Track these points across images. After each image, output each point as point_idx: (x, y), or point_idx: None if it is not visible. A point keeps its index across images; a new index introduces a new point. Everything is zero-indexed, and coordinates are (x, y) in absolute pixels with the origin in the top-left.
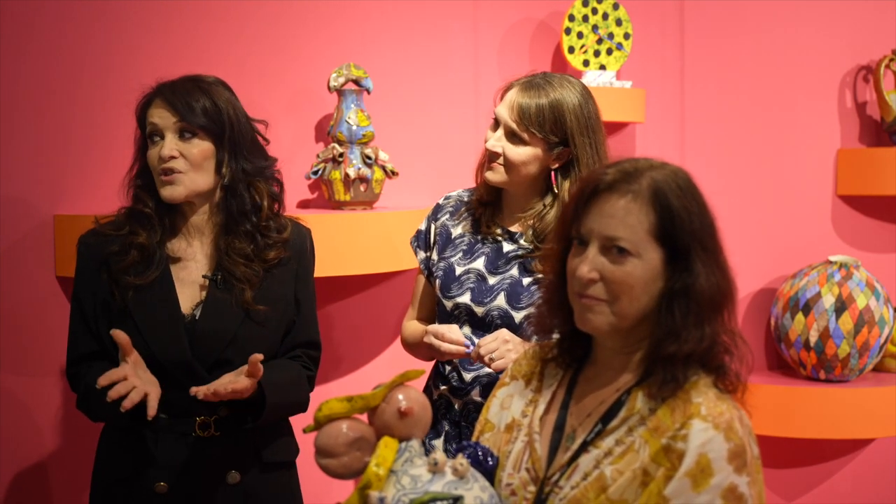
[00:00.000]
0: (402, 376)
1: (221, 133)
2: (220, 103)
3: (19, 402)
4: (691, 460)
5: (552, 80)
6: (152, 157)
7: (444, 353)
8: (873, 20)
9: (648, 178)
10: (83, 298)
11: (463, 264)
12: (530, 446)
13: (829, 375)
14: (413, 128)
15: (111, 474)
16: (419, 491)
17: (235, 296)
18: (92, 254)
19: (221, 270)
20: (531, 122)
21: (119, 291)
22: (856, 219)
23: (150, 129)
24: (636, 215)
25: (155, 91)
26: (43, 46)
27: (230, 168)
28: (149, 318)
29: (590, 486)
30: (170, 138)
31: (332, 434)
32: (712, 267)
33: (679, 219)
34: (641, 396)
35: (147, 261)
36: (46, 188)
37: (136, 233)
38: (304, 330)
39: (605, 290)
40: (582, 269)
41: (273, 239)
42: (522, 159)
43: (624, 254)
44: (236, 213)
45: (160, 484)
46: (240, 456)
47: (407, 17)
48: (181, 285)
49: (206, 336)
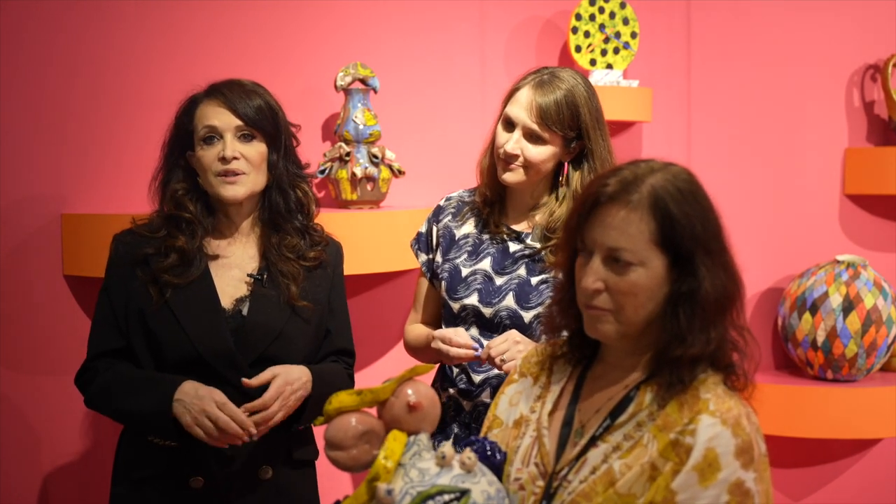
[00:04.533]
0: (411, 371)
1: (276, 135)
2: (273, 105)
3: (26, 401)
4: (699, 454)
5: (559, 74)
6: (209, 157)
7: (452, 358)
8: (881, 19)
9: (648, 186)
10: (114, 295)
11: (469, 265)
12: (539, 441)
13: (836, 375)
14: (420, 127)
15: (140, 472)
16: (427, 484)
17: (282, 292)
18: (127, 252)
19: (267, 267)
20: (552, 121)
21: (157, 290)
22: (863, 218)
23: (206, 131)
24: (637, 224)
25: (207, 92)
26: (50, 47)
27: (280, 168)
28: (190, 313)
29: (598, 480)
30: (230, 139)
31: (342, 427)
32: (717, 269)
33: (680, 225)
34: (650, 393)
35: (187, 262)
36: (53, 187)
37: (174, 236)
38: (339, 338)
39: (611, 300)
40: (586, 280)
41: (315, 239)
42: (543, 158)
43: (627, 264)
44: (284, 210)
45: (196, 479)
46: (272, 452)
47: (414, 16)
48: (221, 281)
49: (254, 330)
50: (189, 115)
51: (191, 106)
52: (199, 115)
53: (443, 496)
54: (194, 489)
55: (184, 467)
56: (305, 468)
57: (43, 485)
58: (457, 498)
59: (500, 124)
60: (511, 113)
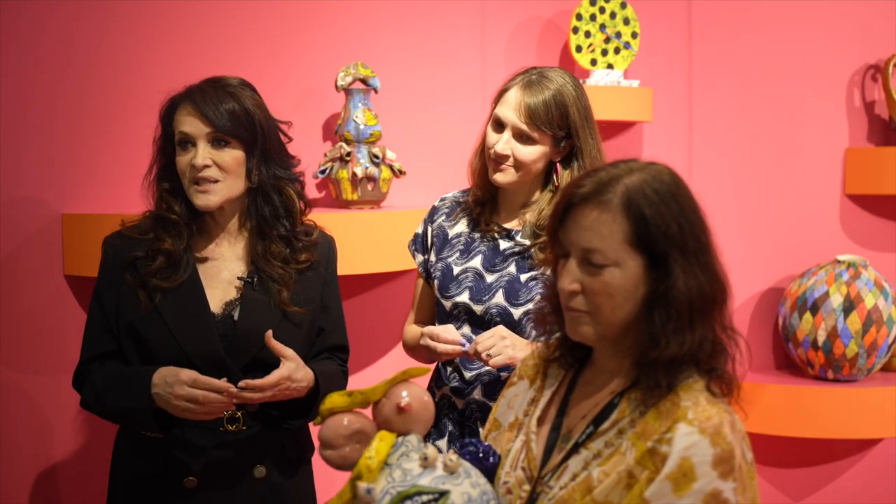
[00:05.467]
0: (405, 373)
1: (253, 139)
2: (250, 108)
3: (28, 400)
4: (673, 464)
5: (547, 74)
6: (183, 164)
7: (440, 354)
8: (881, 19)
9: (622, 187)
10: (105, 299)
11: (460, 263)
12: (527, 445)
13: (837, 375)
14: (420, 127)
15: (136, 471)
16: (407, 484)
17: (272, 297)
18: (116, 255)
19: (257, 272)
20: (541, 120)
21: (146, 294)
22: (864, 218)
23: (180, 136)
24: (609, 225)
25: (183, 95)
26: (52, 46)
27: (260, 173)
28: (179, 317)
29: (577, 487)
30: (202, 146)
31: (333, 426)
32: (693, 269)
33: (653, 225)
34: (632, 400)
35: (174, 265)
36: (55, 187)
37: (161, 238)
38: (333, 335)
39: (586, 302)
40: (563, 281)
41: (304, 242)
42: (532, 158)
43: (601, 265)
44: (269, 216)
45: (190, 479)
46: (266, 450)
47: (414, 16)
48: (210, 285)
49: (246, 335)
50: (169, 118)
51: (170, 108)
52: (176, 120)
53: (421, 496)
54: (189, 489)
55: (178, 466)
56: (301, 466)
57: (43, 484)
58: (435, 499)
59: (489, 125)
60: (500, 113)
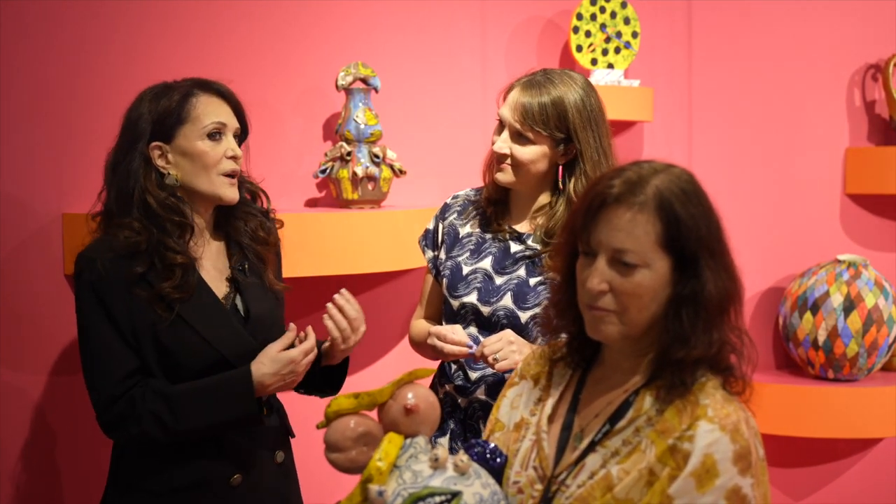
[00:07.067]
0: (411, 374)
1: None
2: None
3: (26, 401)
4: (697, 461)
5: (553, 77)
6: (216, 154)
7: (447, 355)
8: (881, 19)
9: (653, 188)
10: (119, 319)
11: (470, 264)
12: (538, 445)
13: (837, 375)
14: (421, 126)
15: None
16: (419, 485)
17: (263, 279)
18: (116, 272)
19: (245, 257)
20: (535, 120)
21: (164, 305)
22: (864, 217)
23: (214, 126)
24: (643, 226)
25: (203, 86)
26: (53, 47)
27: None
28: (204, 322)
29: (596, 485)
30: (230, 138)
31: (339, 429)
32: (719, 271)
33: (685, 227)
34: (649, 398)
35: (188, 275)
36: (54, 187)
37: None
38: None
39: (615, 302)
40: (592, 281)
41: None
42: (530, 158)
43: (632, 265)
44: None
45: (235, 477)
46: (281, 435)
47: (415, 15)
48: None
49: (260, 321)
50: (182, 104)
51: (185, 95)
52: (200, 108)
53: (434, 498)
54: (234, 487)
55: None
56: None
57: (43, 484)
58: (447, 500)
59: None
60: (500, 113)
